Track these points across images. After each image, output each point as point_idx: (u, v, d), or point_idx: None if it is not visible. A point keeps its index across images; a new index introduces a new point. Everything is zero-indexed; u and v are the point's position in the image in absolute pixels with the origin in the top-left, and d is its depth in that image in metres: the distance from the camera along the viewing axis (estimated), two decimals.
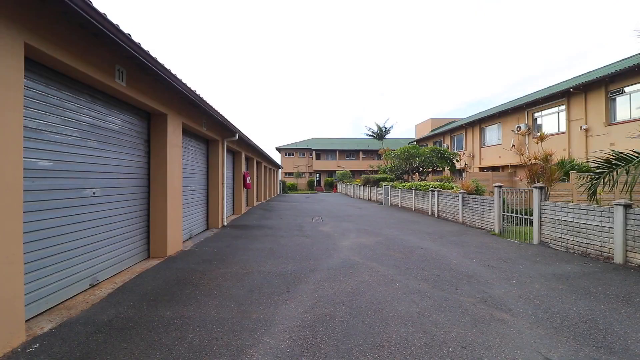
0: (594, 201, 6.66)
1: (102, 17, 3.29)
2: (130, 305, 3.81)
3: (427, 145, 29.39)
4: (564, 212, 6.82)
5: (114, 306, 3.78)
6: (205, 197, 9.51)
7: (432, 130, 33.97)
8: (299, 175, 46.99)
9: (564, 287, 4.50)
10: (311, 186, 46.57)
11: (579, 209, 6.49)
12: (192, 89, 5.97)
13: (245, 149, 14.44)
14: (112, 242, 4.91)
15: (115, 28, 3.54)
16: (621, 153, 6.48)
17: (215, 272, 5.15)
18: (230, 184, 13.10)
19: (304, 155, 49.28)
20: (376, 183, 23.52)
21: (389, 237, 8.42)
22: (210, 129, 8.91)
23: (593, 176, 6.66)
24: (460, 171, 24.47)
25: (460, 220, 11.17)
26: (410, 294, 4.24)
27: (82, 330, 3.17)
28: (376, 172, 30.50)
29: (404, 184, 17.88)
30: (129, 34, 3.82)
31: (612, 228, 5.76)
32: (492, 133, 22.63)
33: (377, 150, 35.50)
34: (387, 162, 25.03)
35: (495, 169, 21.35)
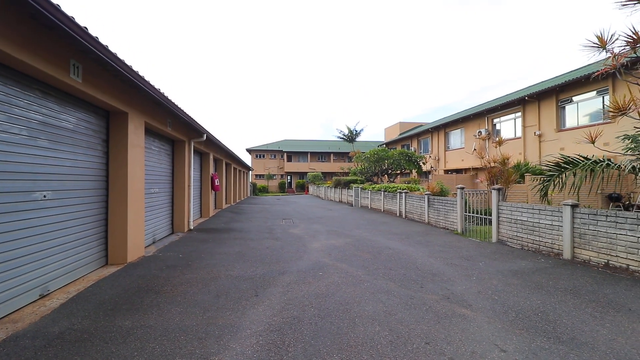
0: (546, 202, 7.18)
1: (55, 8, 3.08)
2: (85, 315, 3.57)
3: (395, 148, 30.26)
4: (519, 212, 7.30)
5: (66, 317, 3.52)
6: (170, 200, 9.14)
7: (400, 134, 35.03)
8: (270, 177, 46.52)
9: (519, 282, 4.81)
10: (282, 188, 46.28)
11: (532, 209, 6.97)
12: (156, 87, 5.73)
13: (213, 150, 14.06)
14: (65, 249, 4.58)
15: (70, 20, 3.32)
16: (569, 157, 7.04)
17: (180, 278, 4.96)
18: (198, 186, 12.70)
19: (275, 157, 48.91)
20: (347, 185, 23.83)
21: (359, 238, 8.55)
22: (176, 129, 8.59)
23: (544, 178, 7.18)
24: (427, 173, 25.43)
25: (426, 221, 11.59)
26: (377, 293, 4.33)
27: (30, 345, 2.92)
28: (347, 174, 30.90)
29: (374, 186, 18.26)
30: (85, 27, 3.60)
31: (561, 226, 6.24)
32: (456, 137, 23.74)
33: (348, 153, 36.02)
34: (357, 165, 25.46)
35: (458, 171, 22.40)
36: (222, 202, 17.12)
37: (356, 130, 37.89)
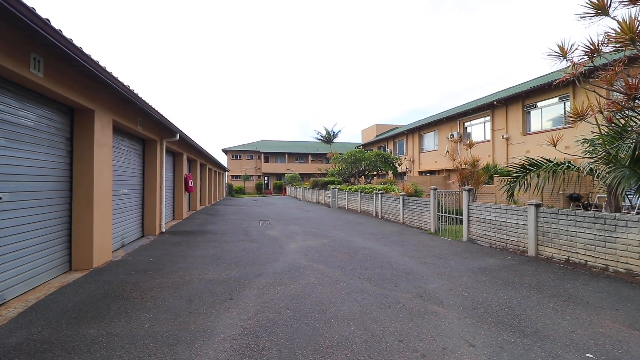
0: (512, 202, 7.55)
1: None
2: (45, 325, 3.36)
3: (372, 149, 30.73)
4: (488, 211, 7.62)
5: (25, 327, 3.29)
6: (140, 202, 8.79)
7: (376, 136, 35.62)
8: (247, 178, 45.85)
9: (488, 279, 5.01)
10: (259, 189, 45.74)
11: (500, 208, 7.30)
12: (125, 83, 5.50)
13: (187, 150, 13.68)
14: (24, 254, 4.29)
15: (30, 11, 3.13)
16: (533, 159, 7.44)
17: (150, 283, 4.78)
18: (170, 187, 12.30)
19: (252, 157, 48.26)
20: (324, 186, 23.92)
21: (335, 238, 8.60)
22: (147, 128, 8.28)
23: (511, 180, 7.55)
24: (402, 175, 26.00)
25: (401, 221, 11.84)
26: (353, 293, 4.37)
27: None
28: (324, 175, 31.04)
29: (351, 187, 18.45)
30: (47, 19, 3.40)
31: (526, 225, 6.57)
32: (430, 140, 24.45)
33: (326, 154, 36.23)
34: (335, 166, 25.63)
35: (432, 172, 23.08)
36: (196, 203, 16.68)
37: (334, 132, 38.13)
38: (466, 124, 20.42)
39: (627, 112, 5.70)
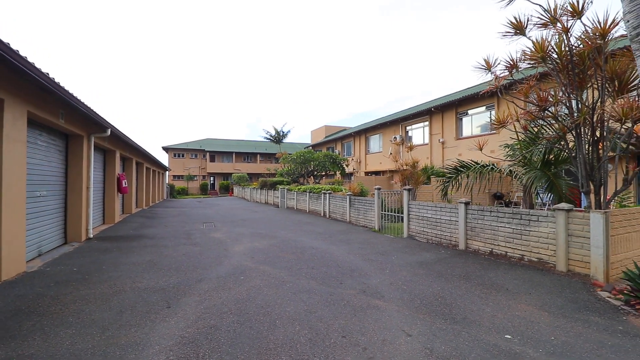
0: (446, 200, 8.21)
1: None
2: None
3: (321, 150, 31.17)
4: (425, 209, 8.18)
5: None
6: (62, 204, 7.82)
7: (325, 137, 36.23)
8: (191, 178, 43.41)
9: (424, 272, 5.38)
10: (204, 190, 43.59)
11: (435, 206, 7.89)
12: (43, 71, 4.84)
13: (121, 148, 12.52)
14: None
15: None
16: (464, 162, 8.18)
17: (73, 295, 4.27)
18: (100, 187, 11.14)
19: (196, 156, 45.75)
20: (273, 186, 23.63)
21: (283, 239, 8.54)
22: (72, 122, 7.39)
23: (445, 180, 8.20)
24: (350, 175, 26.77)
25: (348, 220, 12.18)
26: (299, 293, 4.37)
27: None
28: (273, 175, 30.65)
29: (300, 187, 18.49)
30: None
31: (457, 221, 7.19)
32: (375, 142, 25.56)
33: (275, 154, 35.84)
34: (284, 166, 25.46)
35: (377, 173, 24.14)
36: (131, 206, 15.33)
37: (283, 132, 37.83)
38: (408, 128, 21.74)
39: (539, 121, 6.54)
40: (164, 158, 44.55)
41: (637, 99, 4.97)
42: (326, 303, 4.00)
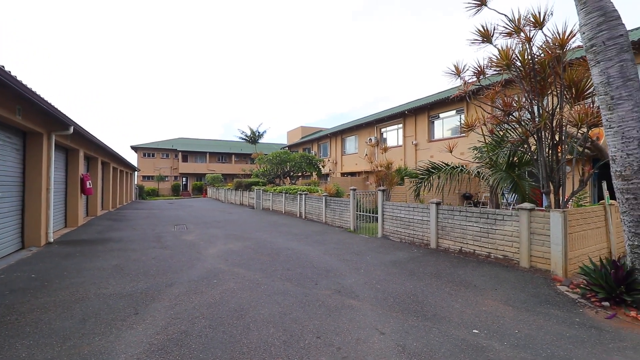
0: (419, 200, 8.44)
1: None
2: None
3: (297, 151, 31.07)
4: (398, 210, 8.37)
5: None
6: (19, 207, 7.28)
7: (302, 138, 36.18)
8: (162, 178, 41.84)
9: (397, 270, 5.50)
10: (176, 191, 42.13)
11: (409, 207, 8.09)
12: None
13: (85, 147, 11.86)
14: None
15: None
16: (436, 163, 8.45)
17: (31, 304, 3.99)
18: (62, 189, 10.49)
19: (167, 156, 44.13)
20: (248, 187, 23.28)
21: (259, 240, 8.43)
22: (30, 119, 6.91)
23: (418, 181, 8.44)
24: (326, 176, 26.88)
25: (324, 221, 12.23)
26: (274, 295, 4.33)
27: None
28: (249, 176, 30.21)
29: (276, 188, 18.33)
30: None
31: (429, 221, 7.41)
32: (351, 143, 25.86)
33: (251, 154, 35.33)
34: (260, 167, 25.16)
35: (353, 174, 24.42)
36: (96, 208, 14.55)
37: (259, 132, 37.35)
38: (382, 129, 22.17)
39: (504, 125, 6.88)
40: (132, 158, 42.72)
41: (592, 105, 5.36)
42: (301, 304, 3.99)
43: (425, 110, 18.14)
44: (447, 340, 3.11)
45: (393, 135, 21.28)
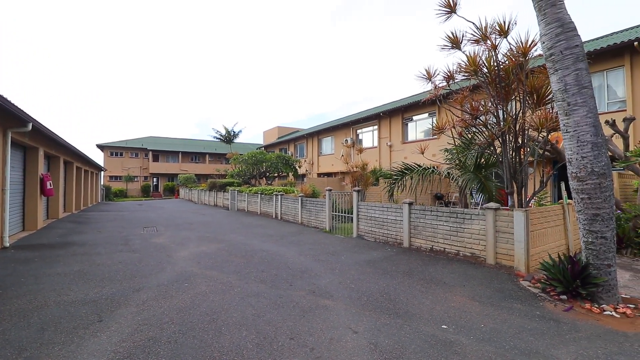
0: (393, 201, 8.63)
1: None
2: None
3: (274, 151, 30.83)
4: (373, 210, 8.52)
5: None
6: None
7: (278, 138, 35.91)
8: (130, 179, 40.07)
9: (371, 270, 5.59)
10: (146, 192, 40.47)
11: (383, 207, 8.25)
12: None
13: (45, 145, 11.14)
14: None
15: None
16: (409, 165, 8.68)
17: None
18: (19, 190, 9.80)
19: (137, 155, 42.27)
20: (223, 188, 22.79)
21: (233, 242, 8.28)
22: None
23: (391, 181, 8.62)
24: (303, 176, 26.86)
25: (300, 221, 12.20)
26: (247, 297, 4.27)
27: None
28: (224, 176, 29.60)
29: (251, 189, 18.08)
30: None
31: (402, 220, 7.59)
32: (327, 144, 25.99)
33: (225, 154, 34.61)
34: (235, 167, 24.72)
35: (329, 175, 24.55)
36: (58, 210, 13.72)
37: (234, 132, 36.63)
38: (358, 131, 22.46)
39: (472, 128, 7.19)
40: (99, 157, 40.61)
41: (551, 111, 5.71)
42: (275, 306, 3.96)
43: (400, 112, 18.58)
44: (417, 336, 3.20)
45: (369, 136, 21.61)
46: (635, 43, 9.99)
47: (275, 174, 23.35)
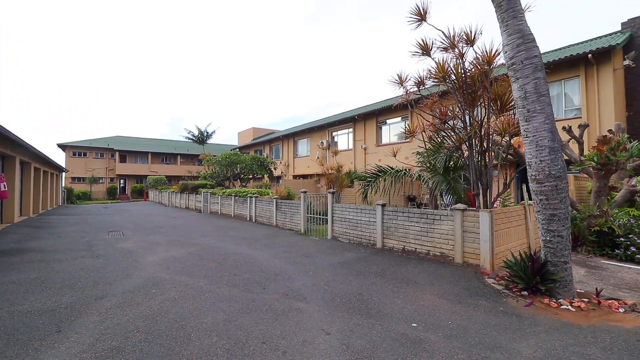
0: (367, 202, 8.75)
1: None
2: None
3: (249, 152, 30.39)
4: (347, 211, 8.61)
5: None
6: None
7: (253, 139, 35.48)
8: (95, 180, 38.04)
9: (345, 271, 5.64)
10: (113, 194, 38.55)
11: (357, 208, 8.36)
12: None
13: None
14: None
15: None
16: (382, 167, 8.85)
17: None
18: None
19: (102, 156, 40.16)
20: (195, 190, 22.17)
21: (205, 246, 8.07)
22: None
23: (365, 183, 8.76)
24: (278, 178, 26.67)
25: (275, 224, 12.10)
26: (219, 302, 4.17)
27: None
28: (196, 178, 28.82)
29: (225, 191, 17.71)
30: None
31: (375, 222, 7.73)
32: (303, 146, 25.99)
33: (198, 155, 33.67)
34: (208, 168, 24.11)
35: (305, 177, 24.54)
36: (13, 213, 12.76)
37: (207, 132, 35.88)
38: (334, 133, 22.65)
39: (441, 132, 7.45)
40: (60, 157, 38.25)
41: (513, 117, 6.04)
42: (247, 310, 3.90)
43: (374, 115, 18.95)
44: (388, 335, 3.26)
45: (344, 139, 21.85)
46: (589, 55, 10.82)
47: (250, 176, 23.03)
